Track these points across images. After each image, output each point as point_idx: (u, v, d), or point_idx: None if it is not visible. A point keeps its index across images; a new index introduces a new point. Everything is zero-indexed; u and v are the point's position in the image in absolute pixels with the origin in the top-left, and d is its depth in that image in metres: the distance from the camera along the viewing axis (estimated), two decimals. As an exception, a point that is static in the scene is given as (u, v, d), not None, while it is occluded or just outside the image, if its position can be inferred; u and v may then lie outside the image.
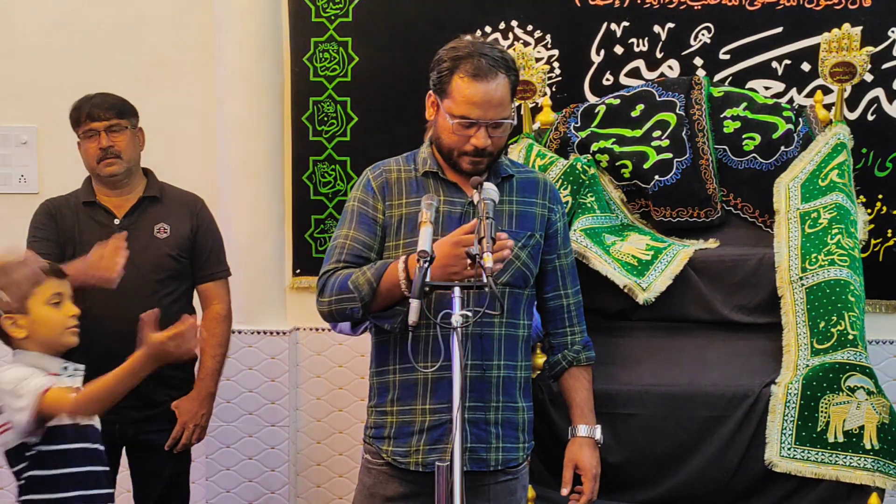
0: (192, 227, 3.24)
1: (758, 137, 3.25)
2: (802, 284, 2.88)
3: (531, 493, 2.70)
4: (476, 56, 2.37)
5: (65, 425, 2.54)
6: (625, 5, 3.65)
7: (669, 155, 3.26)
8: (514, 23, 3.73)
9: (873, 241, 3.56)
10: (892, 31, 3.53)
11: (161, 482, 3.20)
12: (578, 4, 3.68)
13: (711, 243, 3.19)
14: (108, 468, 2.66)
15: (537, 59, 3.54)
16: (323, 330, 3.91)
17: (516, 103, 3.13)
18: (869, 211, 3.53)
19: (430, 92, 2.46)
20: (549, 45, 3.72)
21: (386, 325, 2.44)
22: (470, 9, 3.74)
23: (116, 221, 3.16)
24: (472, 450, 2.39)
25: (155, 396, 3.12)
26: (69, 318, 2.62)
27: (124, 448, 3.19)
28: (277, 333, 3.90)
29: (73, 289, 2.67)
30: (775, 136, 3.24)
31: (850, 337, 2.71)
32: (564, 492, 2.56)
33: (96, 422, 2.65)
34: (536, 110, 3.46)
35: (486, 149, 2.40)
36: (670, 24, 3.64)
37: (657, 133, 3.30)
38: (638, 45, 3.67)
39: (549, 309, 2.61)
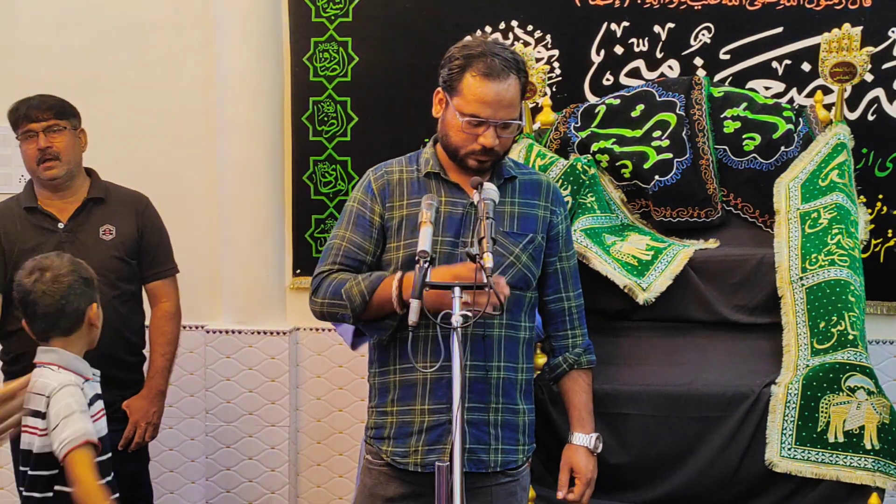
0: (138, 227, 3.23)
1: (758, 137, 3.25)
2: (802, 284, 2.88)
3: (531, 493, 2.70)
4: (489, 56, 2.37)
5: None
6: (625, 5, 3.65)
7: (669, 155, 3.26)
8: (514, 23, 3.72)
9: (874, 242, 3.56)
10: (892, 31, 3.53)
11: (121, 483, 3.16)
12: (578, 4, 3.68)
13: (711, 243, 3.19)
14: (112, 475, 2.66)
15: (537, 59, 3.55)
16: (323, 330, 3.91)
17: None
18: (870, 211, 3.53)
19: (439, 89, 2.46)
20: (549, 45, 3.72)
21: (374, 335, 2.47)
22: (470, 9, 3.74)
23: (61, 226, 3.15)
24: (470, 450, 2.39)
25: (104, 397, 3.11)
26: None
27: None
28: (277, 333, 3.90)
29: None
30: (775, 136, 3.24)
31: (851, 337, 2.71)
32: (560, 495, 2.56)
33: (106, 425, 2.65)
34: (536, 110, 3.46)
35: (494, 148, 2.40)
36: (670, 24, 3.64)
37: (657, 133, 3.30)
38: (638, 45, 3.66)
39: (550, 311, 2.61)
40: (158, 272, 3.30)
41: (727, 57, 3.62)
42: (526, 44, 3.67)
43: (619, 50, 3.68)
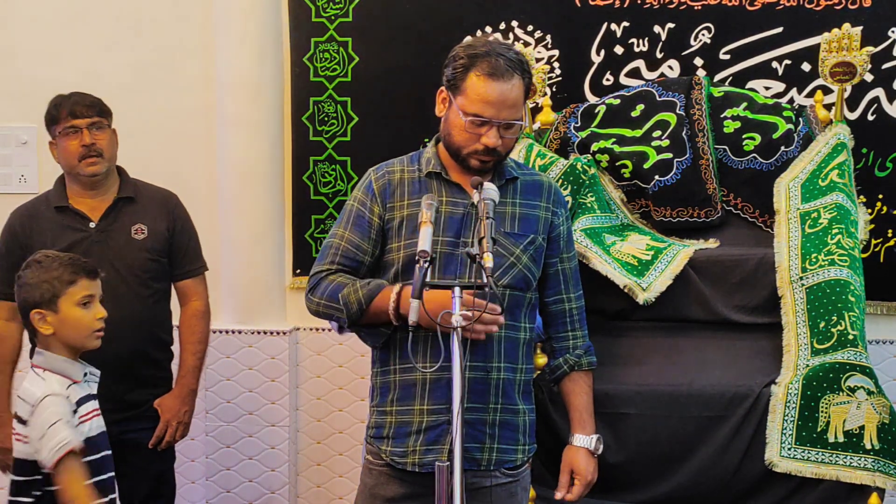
0: (169, 226, 3.21)
1: (758, 137, 3.25)
2: (802, 284, 2.88)
3: (531, 493, 2.70)
4: (493, 55, 2.37)
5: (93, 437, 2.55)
6: (625, 5, 3.65)
7: (669, 155, 3.26)
8: (514, 23, 3.72)
9: (874, 242, 3.56)
10: (892, 31, 3.53)
11: (147, 480, 3.19)
12: (578, 4, 3.68)
13: (711, 243, 3.20)
14: (114, 472, 2.64)
15: (537, 59, 3.55)
16: (323, 330, 3.91)
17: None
18: (869, 211, 3.53)
19: (442, 88, 2.46)
20: (549, 45, 3.72)
21: (368, 342, 2.48)
22: (470, 9, 3.74)
23: (92, 225, 3.13)
24: (465, 449, 2.38)
25: (134, 397, 3.12)
26: (96, 320, 2.60)
27: None
28: (277, 333, 3.90)
29: None
30: (775, 136, 3.24)
31: (851, 337, 2.71)
32: (558, 495, 2.56)
33: (102, 424, 2.63)
34: (536, 110, 3.46)
35: (496, 148, 2.40)
36: (670, 24, 3.64)
37: (657, 133, 3.30)
38: (638, 45, 3.66)
39: (551, 312, 2.60)
40: (189, 271, 3.28)
41: (727, 57, 3.61)
42: (526, 44, 3.67)
43: (619, 50, 3.68)
